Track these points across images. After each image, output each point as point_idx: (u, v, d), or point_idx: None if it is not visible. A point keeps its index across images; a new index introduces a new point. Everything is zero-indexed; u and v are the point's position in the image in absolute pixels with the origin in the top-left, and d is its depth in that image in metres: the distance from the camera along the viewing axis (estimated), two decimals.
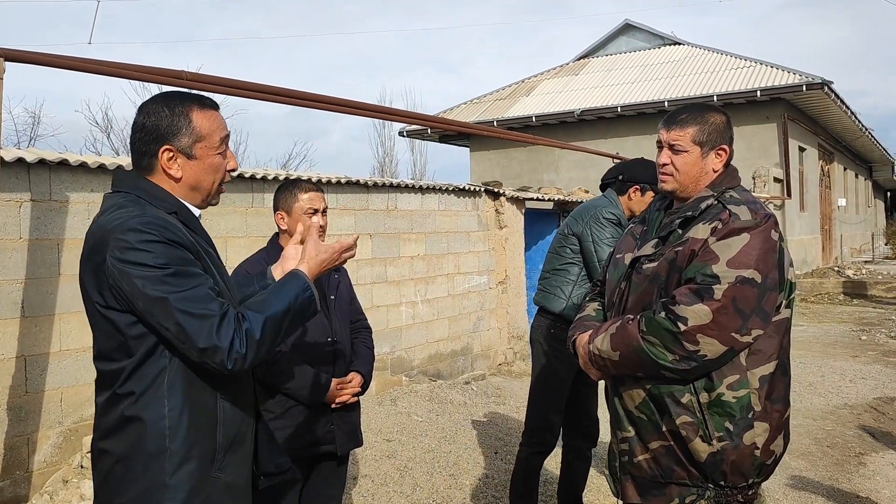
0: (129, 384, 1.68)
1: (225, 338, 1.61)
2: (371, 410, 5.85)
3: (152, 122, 1.76)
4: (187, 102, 1.79)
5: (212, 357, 1.62)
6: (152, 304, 1.61)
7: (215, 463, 1.74)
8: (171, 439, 1.67)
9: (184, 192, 1.80)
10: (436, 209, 7.47)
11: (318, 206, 2.81)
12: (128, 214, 1.67)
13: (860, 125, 19.21)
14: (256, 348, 1.66)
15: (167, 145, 1.75)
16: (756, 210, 2.09)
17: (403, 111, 7.44)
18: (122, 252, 1.62)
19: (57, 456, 4.19)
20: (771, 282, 2.02)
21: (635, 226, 2.42)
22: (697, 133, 2.20)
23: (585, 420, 3.75)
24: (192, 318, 1.61)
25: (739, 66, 16.64)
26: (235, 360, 1.63)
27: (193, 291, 1.63)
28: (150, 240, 1.62)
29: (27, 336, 4.08)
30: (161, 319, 1.62)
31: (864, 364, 8.28)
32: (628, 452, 2.19)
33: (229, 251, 5.20)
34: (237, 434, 1.80)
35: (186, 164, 1.78)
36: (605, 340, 2.15)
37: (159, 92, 1.87)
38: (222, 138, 1.82)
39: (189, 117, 1.77)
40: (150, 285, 1.61)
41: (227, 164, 1.85)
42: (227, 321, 1.63)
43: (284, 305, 1.74)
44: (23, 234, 4.09)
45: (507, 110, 18.44)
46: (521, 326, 8.62)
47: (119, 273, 1.63)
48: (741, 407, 2.03)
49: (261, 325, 1.67)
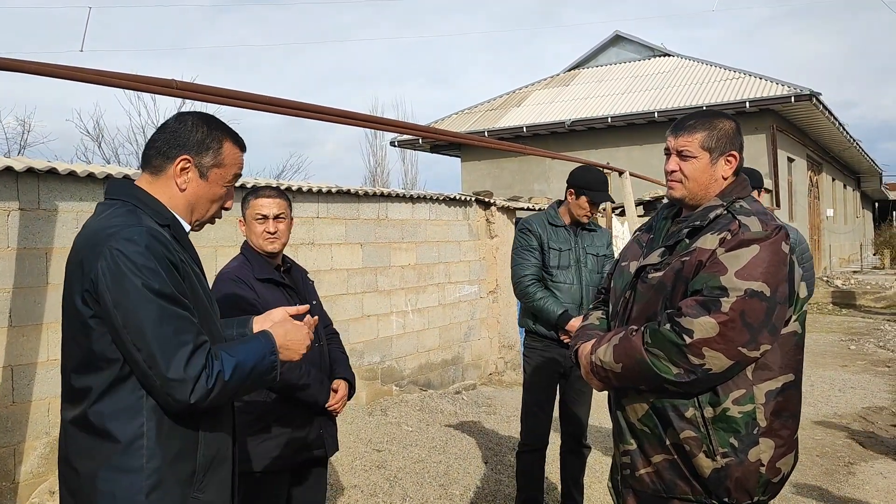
0: (105, 399, 1.64)
1: (193, 370, 1.59)
2: (361, 420, 5.83)
3: (186, 131, 1.79)
4: (225, 132, 1.85)
5: (175, 389, 1.58)
6: (132, 321, 1.58)
7: (194, 484, 1.70)
8: (149, 458, 1.63)
9: (180, 206, 1.80)
10: (427, 219, 7.48)
11: (267, 212, 2.82)
12: (124, 223, 1.66)
13: (848, 136, 19.36)
14: (222, 389, 1.63)
15: (188, 155, 1.78)
16: (767, 221, 2.02)
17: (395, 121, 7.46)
18: (115, 260, 1.60)
19: (44, 467, 4.15)
20: (781, 295, 1.97)
21: (641, 233, 2.37)
22: (706, 139, 2.14)
23: (568, 420, 3.94)
24: (166, 344, 1.58)
25: (728, 78, 16.76)
26: (199, 396, 1.59)
27: (176, 317, 1.61)
28: (146, 254, 1.61)
29: (14, 345, 4.05)
30: (135, 338, 1.59)
31: (853, 373, 8.32)
32: (630, 466, 2.14)
33: (219, 260, 5.18)
34: (217, 454, 1.78)
35: (196, 181, 1.80)
36: (608, 351, 2.10)
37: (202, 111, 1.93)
38: (235, 175, 1.88)
39: (221, 143, 1.83)
40: (136, 301, 1.58)
41: (225, 201, 1.89)
42: (199, 354, 1.61)
43: (252, 361, 1.72)
44: (10, 243, 4.06)
45: (498, 120, 18.49)
46: (511, 336, 8.61)
47: (108, 281, 1.60)
48: (746, 422, 1.97)
49: (232, 368, 1.66)
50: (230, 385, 1.65)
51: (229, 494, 1.85)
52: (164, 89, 4.18)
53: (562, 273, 3.85)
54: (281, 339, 1.84)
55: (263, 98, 4.83)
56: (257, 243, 2.83)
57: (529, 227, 3.94)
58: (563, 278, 3.84)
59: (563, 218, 3.94)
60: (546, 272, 3.87)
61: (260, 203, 2.82)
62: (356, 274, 6.58)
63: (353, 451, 5.09)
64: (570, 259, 3.87)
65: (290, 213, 2.92)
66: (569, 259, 3.87)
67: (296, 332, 1.89)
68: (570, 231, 3.92)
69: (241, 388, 1.71)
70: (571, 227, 3.93)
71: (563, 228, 3.92)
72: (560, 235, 3.90)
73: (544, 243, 3.88)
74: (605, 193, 3.86)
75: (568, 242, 3.89)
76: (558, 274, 3.84)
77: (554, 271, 3.85)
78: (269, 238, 2.81)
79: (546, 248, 3.88)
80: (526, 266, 3.89)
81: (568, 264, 3.86)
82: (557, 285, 3.83)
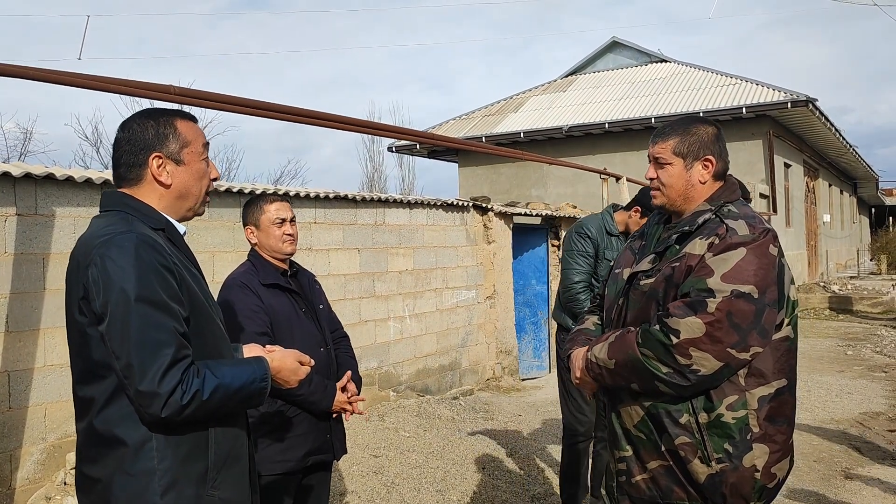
0: (110, 407, 1.64)
1: (167, 385, 1.56)
2: (358, 426, 5.83)
3: (139, 134, 1.79)
4: (169, 114, 1.85)
5: (146, 401, 1.57)
6: (113, 327, 1.59)
7: (208, 482, 1.71)
8: (160, 460, 1.64)
9: (172, 202, 1.81)
10: (424, 224, 7.49)
11: (285, 215, 2.87)
12: (115, 230, 1.67)
13: (844, 142, 19.42)
14: (197, 407, 1.61)
15: (156, 152, 1.78)
16: (754, 224, 2.03)
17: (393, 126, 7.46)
18: (104, 266, 1.61)
19: (40, 473, 4.14)
20: (769, 298, 1.97)
21: (634, 240, 2.38)
22: (678, 144, 2.16)
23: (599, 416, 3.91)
24: (143, 354, 1.57)
25: (725, 84, 16.81)
26: (172, 411, 1.57)
27: (159, 326, 1.60)
28: (132, 258, 1.61)
29: (11, 351, 4.04)
30: (115, 347, 1.59)
31: (849, 379, 8.33)
32: (626, 472, 2.14)
33: (216, 265, 5.19)
34: (231, 451, 1.78)
35: (176, 170, 1.80)
36: (604, 349, 2.11)
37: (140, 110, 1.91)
38: (204, 144, 1.88)
39: (174, 125, 1.82)
40: (120, 307, 1.59)
41: (210, 173, 1.89)
42: (177, 369, 1.59)
43: (239, 384, 1.70)
44: (7, 249, 4.06)
45: (496, 126, 18.53)
46: (509, 341, 8.62)
47: (97, 288, 1.61)
48: (740, 428, 1.97)
49: (212, 388, 1.63)
50: (209, 404, 1.63)
51: (248, 491, 1.85)
52: (163, 95, 4.20)
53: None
54: (276, 364, 1.88)
55: (261, 104, 4.85)
56: (276, 246, 2.84)
57: (589, 232, 3.90)
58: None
59: (619, 227, 3.91)
60: (595, 280, 3.85)
61: (276, 207, 2.87)
62: (353, 279, 6.58)
63: (351, 457, 5.09)
64: None
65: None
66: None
67: (290, 361, 1.93)
68: (622, 242, 3.88)
69: (222, 408, 1.69)
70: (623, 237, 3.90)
71: (616, 238, 3.91)
72: (614, 245, 3.88)
73: (600, 252, 3.87)
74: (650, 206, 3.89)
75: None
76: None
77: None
78: (288, 240, 2.86)
79: (600, 257, 3.86)
80: (579, 272, 3.88)
81: None
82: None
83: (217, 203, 5.27)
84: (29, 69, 3.65)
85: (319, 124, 5.41)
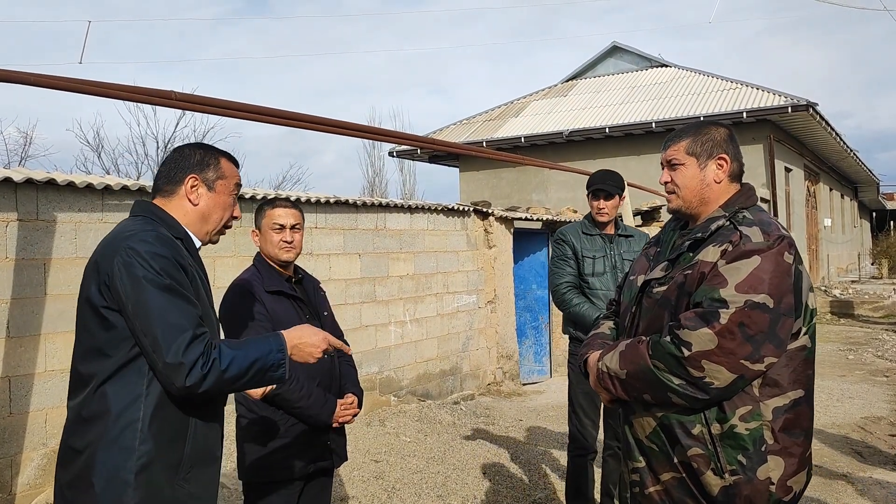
0: (110, 383, 1.80)
1: (191, 356, 1.73)
2: (359, 431, 5.82)
3: (185, 157, 2.04)
4: (218, 152, 2.11)
5: (172, 372, 1.74)
6: (141, 309, 1.76)
7: (180, 472, 1.85)
8: (142, 441, 1.78)
9: (194, 220, 2.03)
10: (425, 228, 7.49)
11: (284, 221, 2.85)
12: (141, 228, 1.88)
13: (845, 146, 19.41)
14: (217, 377, 1.77)
15: (194, 174, 2.03)
16: (769, 231, 1.97)
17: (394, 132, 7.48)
18: (130, 256, 1.80)
19: (41, 478, 4.14)
20: (785, 307, 1.91)
21: (650, 247, 2.35)
22: (691, 144, 2.15)
23: (609, 424, 3.95)
24: (168, 331, 1.74)
25: (725, 88, 16.82)
26: (195, 380, 1.73)
27: (179, 308, 1.78)
28: (157, 252, 1.81)
29: (12, 356, 4.04)
30: (143, 326, 1.76)
31: (851, 383, 8.32)
32: (639, 483, 2.11)
33: (217, 270, 5.19)
34: (205, 451, 1.92)
35: (206, 194, 2.03)
36: (615, 358, 2.08)
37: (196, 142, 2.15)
38: (236, 184, 2.12)
39: (218, 159, 2.08)
40: (146, 292, 1.77)
41: (234, 210, 2.11)
42: (198, 342, 1.76)
43: (254, 356, 1.85)
44: (9, 254, 4.06)
45: (497, 131, 18.54)
46: (509, 346, 8.61)
47: (122, 275, 1.79)
48: (754, 440, 1.93)
49: (229, 359, 1.79)
50: (227, 375, 1.78)
51: (216, 496, 1.98)
52: (164, 100, 4.21)
53: (598, 280, 3.96)
54: (294, 339, 1.96)
55: (263, 109, 4.85)
56: (273, 252, 2.84)
57: (564, 237, 4.07)
58: (599, 285, 3.95)
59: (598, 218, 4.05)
60: (582, 280, 3.98)
61: (277, 213, 2.86)
62: (354, 284, 6.58)
63: (351, 462, 5.08)
64: (605, 266, 3.97)
65: (303, 225, 2.95)
66: (604, 266, 3.97)
67: (311, 335, 2.00)
68: (605, 238, 4.03)
69: (240, 379, 1.82)
70: (607, 235, 4.04)
71: (597, 237, 4.04)
72: (594, 243, 4.02)
73: (578, 252, 4.00)
74: (601, 183, 3.97)
75: (602, 249, 4.00)
76: (594, 281, 3.95)
77: (589, 279, 3.96)
78: (285, 247, 2.84)
79: (580, 257, 3.99)
80: (562, 275, 4.02)
81: (603, 271, 3.96)
82: (594, 292, 3.94)
83: None
84: (30, 75, 3.66)
85: (321, 129, 5.42)
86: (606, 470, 3.97)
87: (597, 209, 3.99)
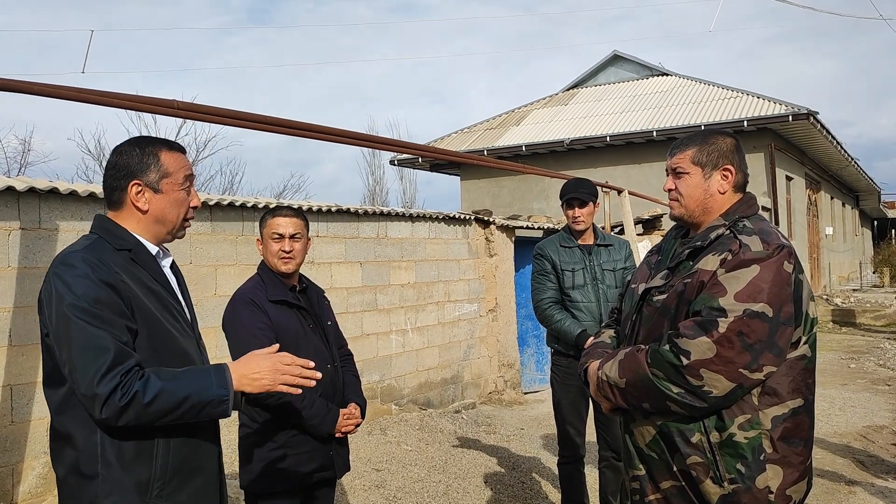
0: (66, 411, 1.77)
1: (105, 388, 1.64)
2: (360, 439, 5.81)
3: (123, 161, 1.91)
4: (156, 144, 1.95)
5: (88, 403, 1.68)
6: (60, 337, 1.71)
7: (151, 490, 1.77)
8: (104, 465, 1.74)
9: (149, 226, 1.92)
10: (426, 237, 7.50)
11: (283, 231, 2.81)
12: (70, 249, 1.81)
13: (846, 155, 19.43)
14: (139, 410, 1.66)
15: (136, 180, 1.89)
16: (769, 241, 1.97)
17: (395, 140, 7.48)
18: (54, 282, 1.74)
19: (42, 487, 4.14)
20: (784, 316, 1.91)
21: (651, 255, 2.35)
22: (696, 153, 2.14)
23: (607, 435, 3.92)
24: (83, 360, 1.67)
25: (726, 97, 16.85)
26: (111, 412, 1.65)
27: (97, 336, 1.68)
28: (76, 274, 1.73)
29: (14, 365, 4.05)
30: (62, 352, 1.71)
31: (853, 392, 8.30)
32: (640, 492, 2.11)
33: (219, 279, 5.20)
34: (185, 462, 1.84)
35: (153, 198, 1.91)
36: (614, 367, 2.08)
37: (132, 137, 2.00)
38: (186, 176, 1.97)
39: (157, 156, 1.92)
40: (63, 318, 1.70)
41: (190, 201, 1.98)
42: (114, 374, 1.65)
43: (189, 391, 1.72)
44: (11, 263, 4.08)
45: (498, 139, 18.57)
46: (511, 355, 8.61)
47: (45, 301, 1.75)
48: (753, 448, 1.93)
49: (154, 392, 1.67)
50: (152, 409, 1.68)
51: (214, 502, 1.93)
52: (166, 110, 4.22)
53: (578, 292, 3.92)
54: (241, 369, 1.80)
55: (264, 118, 4.87)
56: (272, 262, 2.82)
57: (542, 251, 4.05)
58: (580, 297, 3.92)
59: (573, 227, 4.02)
60: (564, 294, 3.96)
61: (276, 222, 2.82)
62: (355, 293, 6.59)
63: (353, 471, 5.07)
64: (584, 278, 3.93)
65: (306, 234, 2.90)
66: (584, 278, 3.93)
67: (261, 362, 1.83)
68: (584, 250, 4.00)
69: (169, 413, 1.70)
70: (586, 247, 4.01)
71: (576, 249, 4.01)
72: (573, 256, 3.98)
73: (557, 265, 3.97)
74: (574, 192, 3.95)
75: (582, 261, 3.96)
76: (574, 294, 3.93)
77: (570, 292, 3.93)
78: (284, 257, 2.80)
79: (560, 270, 3.96)
80: (543, 290, 4.00)
81: (583, 283, 3.93)
82: (576, 304, 3.91)
83: (219, 217, 5.29)
84: (32, 84, 3.68)
85: (322, 138, 5.44)
86: (603, 481, 3.97)
87: (572, 218, 3.97)
